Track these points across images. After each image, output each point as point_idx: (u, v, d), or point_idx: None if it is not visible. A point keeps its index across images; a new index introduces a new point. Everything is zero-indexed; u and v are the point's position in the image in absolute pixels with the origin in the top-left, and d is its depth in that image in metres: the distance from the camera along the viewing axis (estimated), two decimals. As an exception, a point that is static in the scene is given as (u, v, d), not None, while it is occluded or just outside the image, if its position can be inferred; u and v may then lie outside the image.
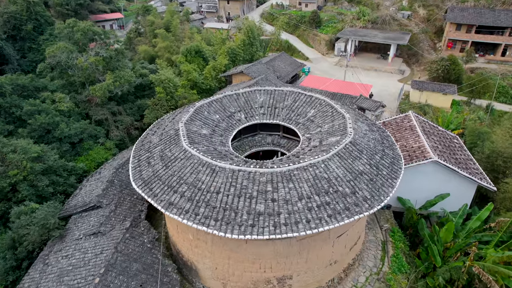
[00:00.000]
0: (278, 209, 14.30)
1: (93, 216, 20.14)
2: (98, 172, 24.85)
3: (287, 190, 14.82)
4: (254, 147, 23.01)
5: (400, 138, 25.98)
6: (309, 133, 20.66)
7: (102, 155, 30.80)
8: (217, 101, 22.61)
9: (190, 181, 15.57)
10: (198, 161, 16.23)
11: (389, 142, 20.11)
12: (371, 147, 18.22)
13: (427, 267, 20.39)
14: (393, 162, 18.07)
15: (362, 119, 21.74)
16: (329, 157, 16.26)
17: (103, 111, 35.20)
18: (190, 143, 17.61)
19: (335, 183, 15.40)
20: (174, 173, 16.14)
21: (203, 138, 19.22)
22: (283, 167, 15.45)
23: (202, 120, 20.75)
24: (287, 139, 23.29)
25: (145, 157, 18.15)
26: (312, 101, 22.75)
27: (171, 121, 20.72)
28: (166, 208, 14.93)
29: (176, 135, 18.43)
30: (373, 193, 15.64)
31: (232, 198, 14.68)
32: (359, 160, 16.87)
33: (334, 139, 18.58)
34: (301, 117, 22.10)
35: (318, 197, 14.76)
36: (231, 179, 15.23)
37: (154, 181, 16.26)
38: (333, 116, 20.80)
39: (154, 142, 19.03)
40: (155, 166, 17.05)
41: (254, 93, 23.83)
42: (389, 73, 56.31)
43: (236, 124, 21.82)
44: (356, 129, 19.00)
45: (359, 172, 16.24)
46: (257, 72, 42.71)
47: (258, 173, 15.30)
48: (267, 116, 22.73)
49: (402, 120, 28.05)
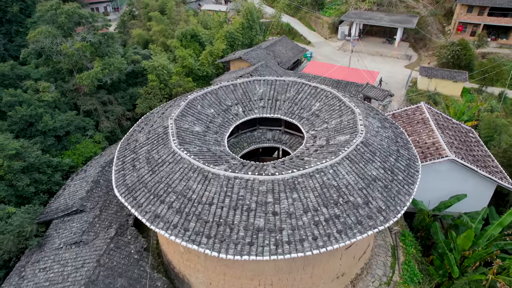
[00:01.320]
0: (280, 224, 12.39)
1: (75, 222, 18.28)
2: (83, 170, 22.87)
3: (291, 202, 12.87)
4: (253, 144, 20.96)
5: (412, 133, 23.90)
6: (314, 130, 18.58)
7: (91, 149, 28.75)
8: (212, 93, 20.41)
9: (179, 189, 13.60)
10: (189, 165, 14.21)
11: (404, 141, 18.05)
12: (384, 147, 16.18)
13: (441, 275, 18.70)
14: (409, 164, 16.07)
15: (373, 113, 19.61)
16: (339, 161, 14.25)
17: (92, 100, 32.90)
18: (180, 144, 15.56)
19: (346, 192, 13.44)
20: (162, 180, 14.16)
21: (196, 136, 17.15)
22: (285, 173, 13.45)
23: (195, 115, 18.62)
24: (289, 135, 21.22)
25: (130, 158, 16.13)
26: (317, 93, 20.55)
27: (160, 117, 18.59)
28: (152, 222, 13.01)
29: (164, 134, 16.35)
30: (389, 203, 13.70)
31: (227, 210, 12.74)
32: (372, 163, 14.86)
33: (343, 138, 16.52)
34: (305, 111, 19.97)
35: (326, 209, 12.83)
36: (226, 188, 13.25)
37: (139, 188, 14.30)
38: (341, 111, 18.66)
39: (140, 141, 16.97)
40: (140, 170, 15.05)
41: (253, 84, 21.61)
42: (395, 59, 53.63)
43: (232, 119, 19.70)
44: (368, 126, 16.92)
45: (372, 178, 14.27)
46: (257, 58, 40.19)
47: (257, 181, 13.30)
48: (267, 109, 20.58)
49: (414, 112, 25.90)
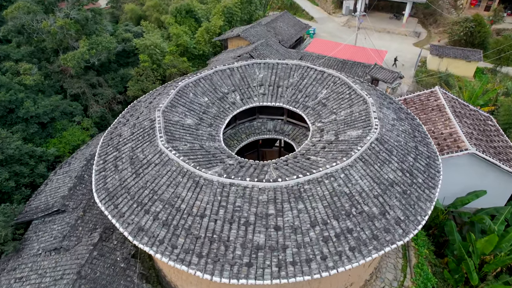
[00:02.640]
0: (283, 241, 10.62)
1: (57, 223, 16.59)
2: (67, 162, 20.99)
3: (296, 213, 11.05)
4: (252, 135, 18.96)
5: (426, 121, 21.85)
6: (321, 121, 16.54)
7: (78, 136, 26.76)
8: (206, 78, 18.19)
9: (166, 197, 11.75)
10: (177, 168, 12.29)
11: (422, 135, 16.05)
12: (401, 144, 14.21)
13: (457, 280, 17.23)
14: (428, 164, 14.15)
15: (386, 102, 17.49)
16: (351, 163, 12.32)
17: (80, 83, 30.57)
18: (168, 141, 13.57)
19: (359, 200, 11.59)
20: (147, 184, 12.28)
21: (187, 131, 15.13)
22: (289, 180, 11.54)
23: (187, 105, 16.51)
24: (292, 125, 19.18)
25: (112, 157, 14.20)
26: (324, 79, 18.34)
27: (147, 107, 16.49)
28: (135, 236, 11.24)
29: (151, 129, 14.33)
30: (408, 212, 11.90)
31: (222, 224, 10.95)
32: (388, 164, 12.93)
33: (354, 133, 14.51)
34: (310, 99, 17.84)
35: (337, 222, 11.03)
36: (220, 197, 11.39)
37: (121, 194, 12.45)
38: (352, 100, 16.54)
39: (124, 136, 14.97)
40: (123, 172, 13.15)
41: (252, 68, 19.34)
42: (403, 36, 50.64)
43: (229, 108, 17.60)
44: (382, 119, 14.87)
45: (389, 183, 12.39)
46: (256, 35, 37.41)
47: (256, 189, 11.42)
48: (268, 97, 18.44)
49: (428, 97, 23.72)
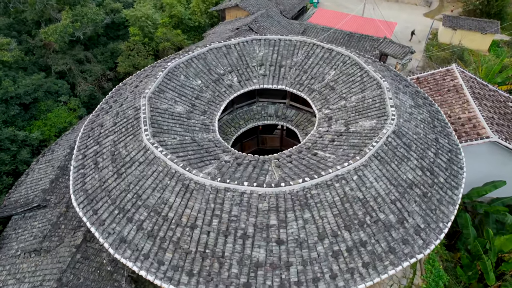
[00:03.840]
0: (287, 257, 9.18)
1: (38, 220, 15.21)
2: (51, 149, 19.33)
3: (301, 224, 9.53)
4: (251, 121, 17.19)
5: (442, 104, 19.95)
6: (329, 108, 14.72)
7: (65, 118, 24.93)
8: (199, 57, 16.15)
9: (152, 203, 10.20)
10: (164, 169, 10.65)
11: (441, 123, 14.30)
12: (421, 137, 12.49)
13: (471, 277, 16.11)
14: (450, 159, 12.50)
15: (402, 85, 15.58)
16: (365, 162, 10.66)
17: (65, 59, 28.30)
18: (154, 135, 11.83)
19: (374, 207, 10.05)
20: (129, 187, 10.70)
21: (177, 120, 13.33)
22: (294, 184, 9.92)
23: (177, 90, 14.61)
24: (295, 110, 17.37)
25: (93, 152, 12.51)
26: (332, 58, 16.30)
27: (133, 92, 14.60)
28: (117, 248, 9.80)
29: (135, 119, 12.54)
30: (428, 218, 10.39)
31: (215, 237, 9.46)
32: (407, 162, 11.29)
33: (367, 123, 12.74)
34: (316, 81, 15.90)
35: (348, 234, 9.54)
36: (213, 204, 9.83)
37: (101, 198, 10.90)
38: (364, 83, 14.63)
39: (106, 127, 13.21)
40: (103, 170, 11.52)
41: (251, 45, 17.23)
42: (413, 6, 47.34)
43: (225, 92, 15.70)
44: (399, 107, 13.05)
45: (407, 184, 10.80)
46: (256, 5, 34.56)
47: (255, 195, 9.83)
48: (269, 78, 16.49)
49: (443, 76, 21.66)
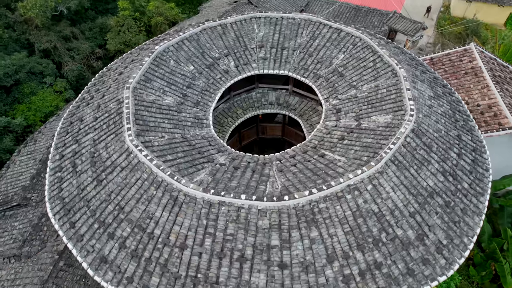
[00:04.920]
0: (291, 284, 7.97)
1: (18, 220, 14.03)
2: (33, 139, 17.87)
3: (308, 244, 8.26)
4: (250, 110, 15.63)
5: (459, 88, 18.26)
6: (337, 98, 13.12)
7: (51, 101, 23.28)
8: (192, 39, 14.34)
9: (136, 217, 8.89)
10: (150, 176, 9.25)
11: (463, 116, 12.75)
12: (442, 134, 11.01)
13: (484, 277, 15.17)
14: (475, 160, 11.09)
15: (419, 71, 13.88)
16: (381, 168, 9.26)
17: (50, 36, 26.18)
18: (139, 134, 10.34)
19: (391, 221, 8.75)
20: (111, 197, 9.36)
21: (166, 114, 11.77)
22: (299, 197, 8.55)
23: (166, 78, 12.93)
24: (299, 97, 15.78)
25: (71, 151, 11.06)
26: (341, 39, 14.49)
27: (116, 80, 12.93)
28: (96, 268, 8.60)
29: (117, 114, 10.99)
30: (451, 233, 9.13)
31: (208, 259, 8.22)
32: (427, 166, 9.88)
33: (382, 119, 11.22)
34: (323, 66, 14.20)
35: (361, 255, 8.30)
36: (205, 220, 8.51)
37: (79, 208, 9.58)
38: (377, 70, 12.95)
39: (86, 122, 11.68)
40: (82, 175, 10.13)
41: (249, 24, 15.35)
42: (424, -26, 44.15)
43: (221, 79, 14.03)
44: (418, 99, 11.48)
45: (428, 193, 9.45)
46: (256, -25, 31.82)
47: (254, 210, 8.48)
48: (270, 62, 14.76)
49: (460, 57, 19.78)
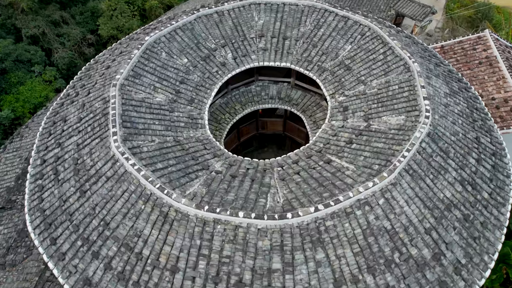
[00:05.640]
0: (294, 312, 7.21)
1: (3, 223, 13.22)
2: (19, 134, 16.89)
3: (313, 268, 7.42)
4: (249, 105, 14.58)
5: (472, 80, 17.12)
6: (344, 94, 12.06)
7: (40, 92, 22.12)
8: (185, 28, 13.13)
9: (123, 234, 8.03)
10: (137, 188, 8.33)
11: (481, 115, 11.72)
12: (460, 137, 10.03)
13: (493, 280, 14.54)
14: (495, 165, 10.14)
15: (433, 64, 12.75)
16: (395, 179, 8.33)
17: (38, 21, 24.73)
18: (126, 138, 9.35)
19: (405, 239, 7.89)
20: (95, 211, 8.47)
21: (156, 115, 10.74)
22: (304, 214, 7.66)
23: (157, 73, 11.82)
24: (302, 90, 14.70)
25: (53, 156, 10.11)
26: (348, 28, 13.28)
27: (103, 74, 11.82)
28: (79, 291, 7.83)
29: (103, 115, 9.97)
30: (470, 250, 8.30)
31: (203, 284, 7.38)
32: (444, 175, 8.95)
33: (393, 120, 10.21)
34: (328, 58, 13.06)
35: (372, 278, 7.48)
36: (199, 240, 7.65)
37: (61, 222, 8.71)
38: (388, 63, 11.83)
39: (69, 123, 10.67)
40: (64, 185, 9.21)
41: (248, 11, 14.09)
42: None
43: (217, 72, 12.91)
44: (433, 97, 10.44)
45: (445, 205, 8.56)
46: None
47: (254, 229, 7.61)
48: (271, 53, 13.61)
49: (473, 45, 18.52)
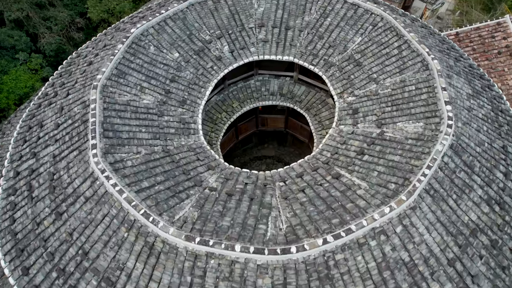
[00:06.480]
0: None
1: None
2: (1, 131, 15.71)
3: (320, 310, 6.49)
4: (248, 102, 13.35)
5: (490, 72, 15.79)
6: (353, 94, 10.82)
7: (25, 81, 20.76)
8: (176, 18, 11.71)
9: (103, 266, 7.03)
10: (120, 213, 7.27)
11: (507, 117, 10.50)
12: (485, 147, 8.88)
13: None
14: (524, 177, 9.07)
15: (452, 58, 11.43)
16: (414, 203, 7.27)
17: (21, 3, 23.04)
18: (107, 151, 8.21)
19: (425, 273, 6.91)
20: (72, 237, 7.44)
21: (143, 120, 9.54)
22: (310, 247, 6.63)
23: (144, 70, 10.52)
24: (306, 86, 13.43)
25: (27, 168, 8.98)
26: (358, 18, 11.88)
27: (84, 72, 10.53)
28: (55, 331, 6.92)
29: (82, 123, 8.77)
30: (499, 283, 7.33)
31: (194, 328, 6.49)
32: (468, 194, 7.88)
33: (410, 127, 9.04)
34: (336, 52, 11.73)
35: (388, 320, 6.57)
36: (190, 276, 6.64)
37: (35, 249, 7.70)
38: (403, 59, 10.53)
39: (46, 130, 9.48)
40: (38, 204, 8.14)
41: (247, -3, 12.63)
42: None
43: (212, 68, 11.61)
44: (455, 101, 9.23)
45: (470, 230, 7.54)
46: None
47: (252, 265, 6.60)
48: (272, 45, 12.26)
49: (492, 32, 17.05)
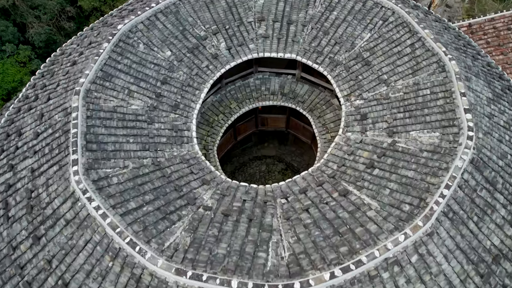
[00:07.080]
0: None
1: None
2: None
3: None
4: (247, 103, 12.46)
5: (505, 67, 14.87)
6: (361, 97, 9.93)
7: (13, 75, 19.79)
8: (168, 12, 10.70)
9: (85, 300, 6.34)
10: (103, 239, 6.51)
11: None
12: (508, 160, 8.07)
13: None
14: (549, 192, 8.28)
15: (469, 57, 10.49)
16: (431, 228, 6.51)
17: (7, -9, 21.81)
18: (91, 165, 7.38)
19: (444, 308, 6.22)
20: (52, 265, 6.69)
21: (131, 129, 8.66)
22: (316, 283, 5.90)
23: (132, 71, 9.59)
24: (309, 85, 12.52)
25: (4, 183, 8.14)
26: (367, 11, 10.89)
27: (67, 74, 9.59)
28: None
29: (63, 133, 7.92)
30: (522, 313, 6.68)
31: None
32: (490, 215, 7.11)
33: (425, 137, 8.19)
34: (342, 49, 10.78)
35: None
36: (181, 315, 5.97)
37: (10, 277, 6.94)
38: (416, 58, 9.60)
39: (25, 139, 8.62)
40: (15, 226, 7.37)
41: (246, -12, 11.58)
42: None
43: (208, 67, 10.67)
44: (475, 107, 8.36)
45: (493, 257, 6.81)
46: None
47: (251, 304, 5.90)
48: (273, 41, 11.31)
49: (508, 24, 16.02)
